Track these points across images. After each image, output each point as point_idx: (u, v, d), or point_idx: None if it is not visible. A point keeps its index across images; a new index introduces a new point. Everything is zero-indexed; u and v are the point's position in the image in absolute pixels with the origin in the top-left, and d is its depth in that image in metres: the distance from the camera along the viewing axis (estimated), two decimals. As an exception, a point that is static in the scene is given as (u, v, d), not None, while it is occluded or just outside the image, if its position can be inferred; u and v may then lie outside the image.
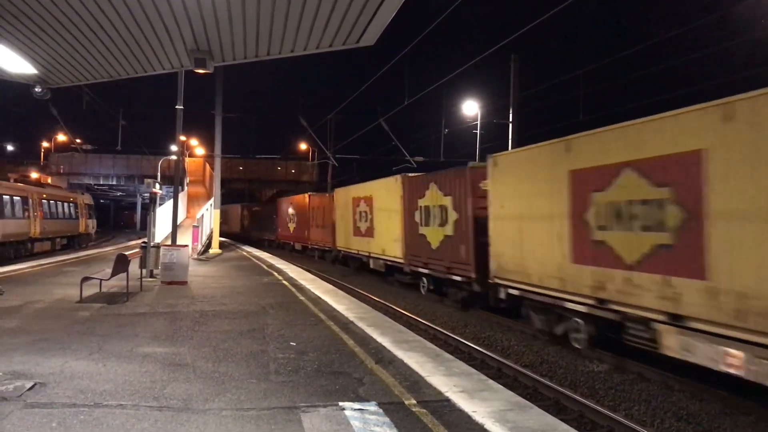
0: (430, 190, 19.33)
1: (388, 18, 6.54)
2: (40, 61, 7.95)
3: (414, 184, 20.76)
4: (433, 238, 18.95)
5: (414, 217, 20.54)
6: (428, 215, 19.41)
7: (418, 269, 20.05)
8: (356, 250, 27.36)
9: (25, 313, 11.37)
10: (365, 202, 26.08)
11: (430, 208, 19.23)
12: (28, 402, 6.00)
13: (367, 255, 25.76)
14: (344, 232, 29.27)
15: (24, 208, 29.76)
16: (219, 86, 33.82)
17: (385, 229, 23.31)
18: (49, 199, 34.33)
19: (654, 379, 10.02)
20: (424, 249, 19.50)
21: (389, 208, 22.70)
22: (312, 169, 64.85)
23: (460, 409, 6.09)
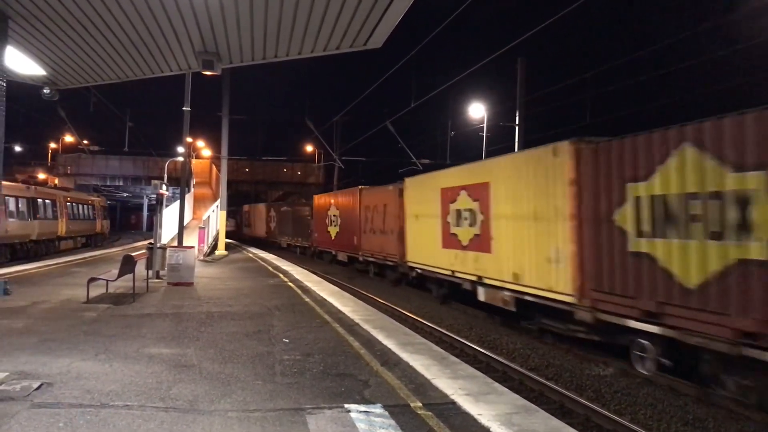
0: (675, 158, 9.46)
1: (396, 21, 6.55)
2: (49, 63, 7.99)
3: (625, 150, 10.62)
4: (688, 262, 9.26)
5: (615, 221, 10.77)
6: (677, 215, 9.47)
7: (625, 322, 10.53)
8: (447, 270, 17.89)
9: (32, 314, 11.42)
10: (471, 193, 16.72)
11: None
12: (35, 402, 6.02)
13: (473, 280, 16.28)
14: (423, 242, 20.21)
15: (54, 210, 34.05)
16: (226, 88, 33.92)
17: (518, 238, 14.02)
18: (72, 201, 38.49)
19: (660, 383, 9.98)
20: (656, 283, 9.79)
21: (534, 203, 13.41)
22: (318, 171, 64.95)
23: (466, 412, 6.08)
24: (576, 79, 24.87)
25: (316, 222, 36.69)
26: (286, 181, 66.20)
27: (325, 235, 34.55)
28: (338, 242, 31.86)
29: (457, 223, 17.54)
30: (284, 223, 47.37)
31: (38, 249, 31.76)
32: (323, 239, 35.01)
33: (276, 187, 66.44)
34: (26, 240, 30.59)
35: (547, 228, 12.77)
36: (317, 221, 36.42)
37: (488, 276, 15.45)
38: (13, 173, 51.01)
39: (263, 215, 55.22)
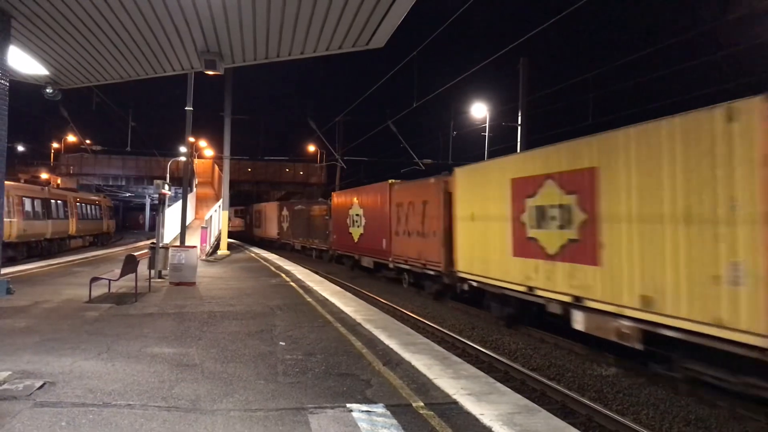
0: None
1: (398, 21, 6.55)
2: (51, 63, 8.00)
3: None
4: None
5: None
6: None
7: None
8: (520, 285, 13.79)
9: (34, 313, 11.44)
10: (563, 183, 12.41)
11: None
12: (38, 401, 6.03)
13: (565, 301, 12.20)
14: (480, 247, 16.11)
15: (65, 211, 36.41)
16: (228, 88, 33.95)
17: (652, 245, 9.85)
18: (81, 202, 41.01)
19: (662, 383, 9.97)
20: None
21: (685, 195, 9.29)
22: (320, 171, 64.92)
23: (468, 412, 6.08)
24: (579, 79, 24.83)
25: (336, 222, 32.60)
26: (288, 181, 66.17)
27: (345, 237, 30.47)
28: (362, 245, 27.66)
29: (538, 225, 13.33)
30: (298, 223, 43.24)
31: (51, 247, 33.82)
32: (344, 242, 30.89)
33: (278, 188, 66.42)
34: (41, 239, 32.40)
35: (713, 232, 8.64)
36: (337, 221, 32.47)
37: (593, 297, 11.28)
38: (16, 173, 51.17)
39: (275, 215, 50.97)
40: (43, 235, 32.44)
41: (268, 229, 53.22)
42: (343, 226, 30.77)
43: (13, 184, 30.33)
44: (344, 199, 31.39)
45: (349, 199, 30.34)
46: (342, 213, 31.30)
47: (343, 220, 31.02)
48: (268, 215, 53.91)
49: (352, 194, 30.20)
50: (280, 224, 48.86)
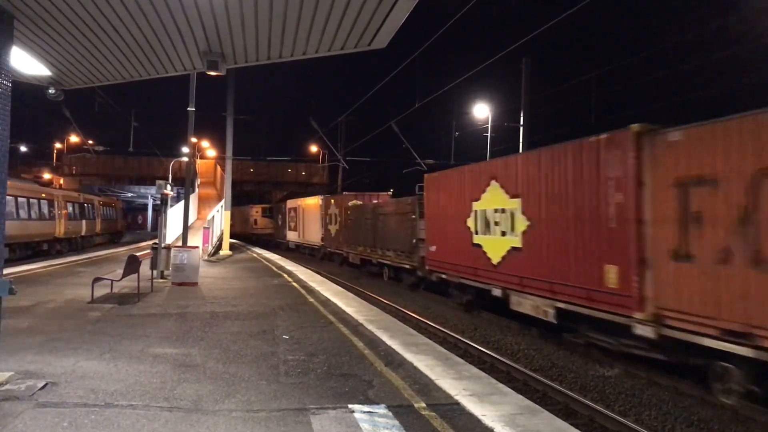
0: None
1: (400, 21, 6.54)
2: (54, 63, 8.00)
3: None
4: None
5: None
6: None
7: None
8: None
9: (37, 313, 11.46)
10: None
11: None
12: (40, 401, 6.04)
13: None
14: None
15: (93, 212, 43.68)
16: (231, 88, 33.98)
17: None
18: (103, 205, 48.66)
19: (664, 384, 9.96)
20: None
21: None
22: (322, 172, 64.97)
23: (470, 413, 6.08)
24: (581, 79, 24.81)
25: (431, 224, 20.12)
26: (290, 181, 66.21)
27: (462, 253, 17.32)
28: (516, 267, 14.57)
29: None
30: (357, 225, 29.87)
31: (84, 243, 40.67)
32: (455, 259, 17.86)
33: (280, 188, 66.47)
34: (78, 236, 39.31)
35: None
36: (432, 222, 20.02)
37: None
38: (19, 173, 51.23)
39: (316, 214, 38.87)
40: (79, 233, 39.46)
41: (307, 232, 41.48)
42: (456, 232, 17.69)
43: (61, 192, 38.13)
44: (458, 184, 18.05)
45: (476, 183, 16.74)
46: (450, 210, 18.36)
47: (453, 222, 17.96)
48: (307, 214, 41.68)
49: (479, 173, 16.85)
50: (324, 226, 36.52)
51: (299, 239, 44.19)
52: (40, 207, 31.29)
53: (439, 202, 19.47)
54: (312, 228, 40.17)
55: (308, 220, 41.52)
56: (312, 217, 40.37)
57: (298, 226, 44.23)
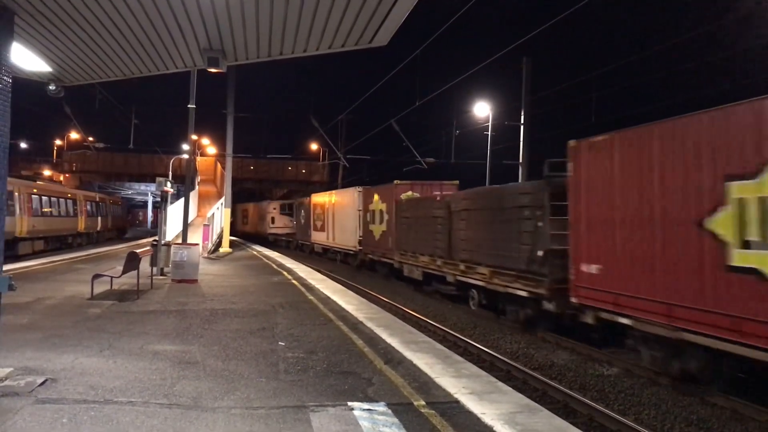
0: None
1: (401, 19, 6.53)
2: (54, 60, 7.99)
3: None
4: None
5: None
6: None
7: None
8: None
9: (36, 310, 11.46)
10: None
11: None
12: (39, 398, 6.04)
13: None
14: None
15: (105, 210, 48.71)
16: (231, 86, 33.97)
17: None
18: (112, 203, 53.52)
19: (664, 383, 9.95)
20: None
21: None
22: (323, 170, 64.88)
23: (469, 411, 6.08)
24: (582, 78, 24.79)
25: (595, 229, 11.56)
26: (290, 179, 66.15)
27: (679, 277, 9.38)
28: None
29: None
30: (418, 226, 22.00)
31: (100, 237, 46.05)
32: (666, 292, 9.64)
33: (280, 186, 66.44)
34: (95, 231, 44.70)
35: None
36: (599, 227, 11.42)
37: None
38: (19, 170, 51.22)
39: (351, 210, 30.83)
40: (95, 229, 44.73)
41: (339, 233, 33.19)
42: (669, 243, 9.65)
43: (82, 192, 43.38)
44: (676, 151, 9.54)
45: (746, 141, 8.32)
46: (651, 201, 10.07)
47: (662, 224, 9.82)
48: (339, 211, 33.49)
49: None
50: (364, 226, 28.76)
51: (328, 242, 35.48)
52: (66, 205, 36.47)
53: (610, 186, 10.98)
54: (346, 228, 31.49)
55: (341, 219, 32.84)
56: (346, 215, 31.67)
57: (327, 225, 35.70)
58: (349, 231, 30.74)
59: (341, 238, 32.70)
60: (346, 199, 32.18)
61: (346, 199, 32.30)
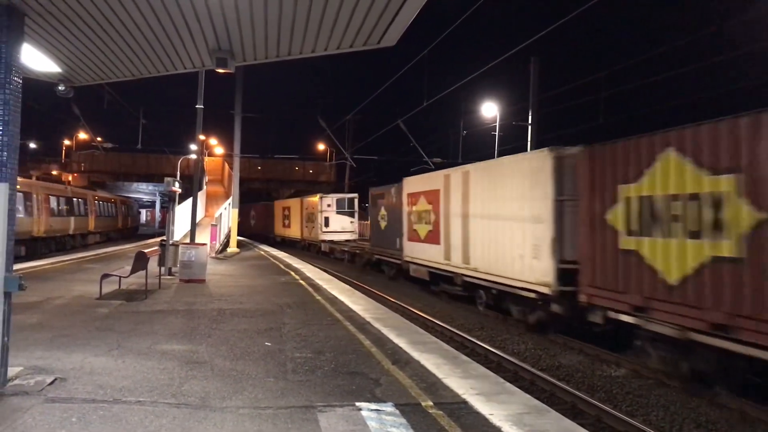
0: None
1: (410, 19, 6.52)
2: (64, 60, 8.02)
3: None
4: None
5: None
6: None
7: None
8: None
9: (45, 309, 11.51)
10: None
11: None
12: (49, 397, 6.07)
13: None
14: None
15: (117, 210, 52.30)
16: (239, 86, 34.01)
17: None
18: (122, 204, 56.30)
19: (673, 384, 9.92)
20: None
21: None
22: (330, 170, 64.99)
23: (477, 412, 6.07)
24: (590, 78, 24.71)
25: None
26: (298, 179, 66.30)
27: None
28: None
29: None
30: None
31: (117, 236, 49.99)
32: None
33: (288, 186, 66.54)
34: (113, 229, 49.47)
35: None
36: None
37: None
38: (28, 170, 51.49)
39: (530, 204, 14.29)
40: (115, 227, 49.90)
41: (487, 249, 16.53)
42: None
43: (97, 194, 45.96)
44: None
45: None
46: None
47: None
48: (488, 204, 16.62)
49: None
50: (594, 234, 12.14)
51: (451, 263, 18.97)
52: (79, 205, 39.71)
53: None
54: (507, 241, 15.47)
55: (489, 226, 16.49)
56: (512, 212, 15.28)
57: (447, 233, 19.32)
58: (521, 247, 14.67)
59: (495, 259, 15.98)
60: (515, 180, 15.20)
61: (516, 180, 15.19)
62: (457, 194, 18.56)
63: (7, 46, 6.18)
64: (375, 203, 29.11)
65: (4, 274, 6.09)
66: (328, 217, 38.83)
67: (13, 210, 6.30)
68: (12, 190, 6.25)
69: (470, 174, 17.92)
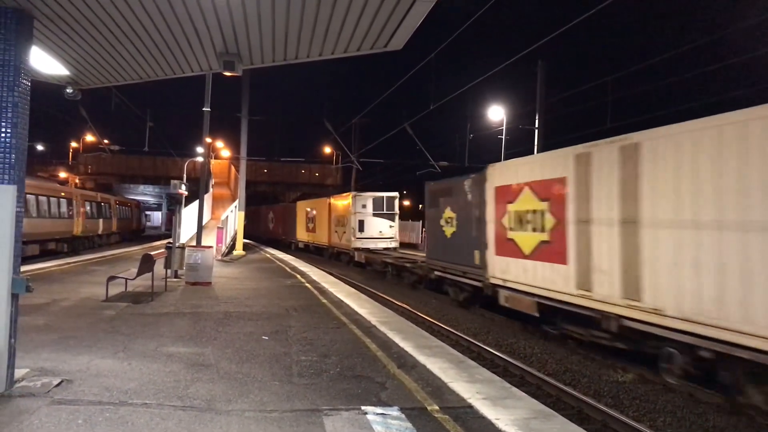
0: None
1: (417, 23, 6.53)
2: (72, 63, 8.06)
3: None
4: None
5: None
6: None
7: None
8: None
9: (52, 311, 11.55)
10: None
11: None
12: (55, 398, 6.08)
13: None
14: None
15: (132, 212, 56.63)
16: (245, 89, 34.06)
17: None
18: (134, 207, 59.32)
19: (680, 390, 9.86)
20: None
21: None
22: (336, 173, 65.07)
23: (483, 416, 6.05)
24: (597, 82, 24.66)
25: None
26: (304, 182, 66.36)
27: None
28: None
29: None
30: None
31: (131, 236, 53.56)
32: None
33: (294, 189, 66.63)
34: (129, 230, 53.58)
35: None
36: None
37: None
38: (35, 172, 51.70)
39: None
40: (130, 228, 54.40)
41: None
42: None
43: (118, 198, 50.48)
44: None
45: None
46: None
47: None
48: None
49: None
50: None
51: (603, 298, 11.67)
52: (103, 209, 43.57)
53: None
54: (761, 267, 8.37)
55: (718, 239, 9.12)
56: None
57: (584, 247, 12.41)
58: None
59: (707, 297, 9.31)
60: None
61: None
62: (608, 184, 11.70)
63: (16, 48, 6.21)
64: (435, 202, 21.37)
65: (12, 276, 6.12)
66: (363, 221, 32.19)
67: (21, 212, 6.32)
68: (20, 192, 6.28)
69: (643, 148, 10.82)
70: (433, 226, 21.71)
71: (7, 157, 6.15)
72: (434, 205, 21.41)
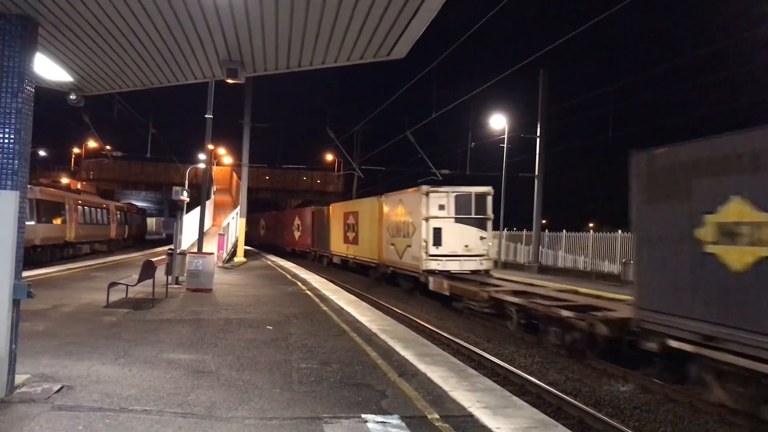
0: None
1: (419, 32, 6.55)
2: (75, 70, 8.09)
3: None
4: None
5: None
6: None
7: None
8: None
9: (53, 317, 11.55)
10: None
11: None
12: (56, 404, 6.08)
13: None
14: None
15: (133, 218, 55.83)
16: (248, 96, 34.16)
17: None
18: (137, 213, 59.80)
19: (681, 400, 9.84)
20: None
21: None
22: (338, 180, 65.12)
23: (484, 425, 6.04)
24: (599, 92, 24.71)
25: None
26: (305, 189, 66.43)
27: None
28: None
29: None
30: None
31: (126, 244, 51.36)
32: None
33: (295, 196, 66.71)
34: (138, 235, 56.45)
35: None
36: None
37: None
38: (37, 177, 51.75)
39: None
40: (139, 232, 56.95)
41: None
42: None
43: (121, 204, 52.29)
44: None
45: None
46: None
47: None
48: None
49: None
50: None
51: None
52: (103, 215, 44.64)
53: None
54: None
55: None
56: None
57: None
58: None
59: None
60: None
61: None
62: None
63: (20, 55, 6.24)
64: (676, 190, 9.96)
65: (13, 282, 6.12)
66: (441, 228, 21.62)
67: (23, 218, 6.34)
68: (23, 198, 6.29)
69: None
70: (666, 241, 10.20)
71: (10, 163, 6.16)
72: (673, 196, 10.05)
